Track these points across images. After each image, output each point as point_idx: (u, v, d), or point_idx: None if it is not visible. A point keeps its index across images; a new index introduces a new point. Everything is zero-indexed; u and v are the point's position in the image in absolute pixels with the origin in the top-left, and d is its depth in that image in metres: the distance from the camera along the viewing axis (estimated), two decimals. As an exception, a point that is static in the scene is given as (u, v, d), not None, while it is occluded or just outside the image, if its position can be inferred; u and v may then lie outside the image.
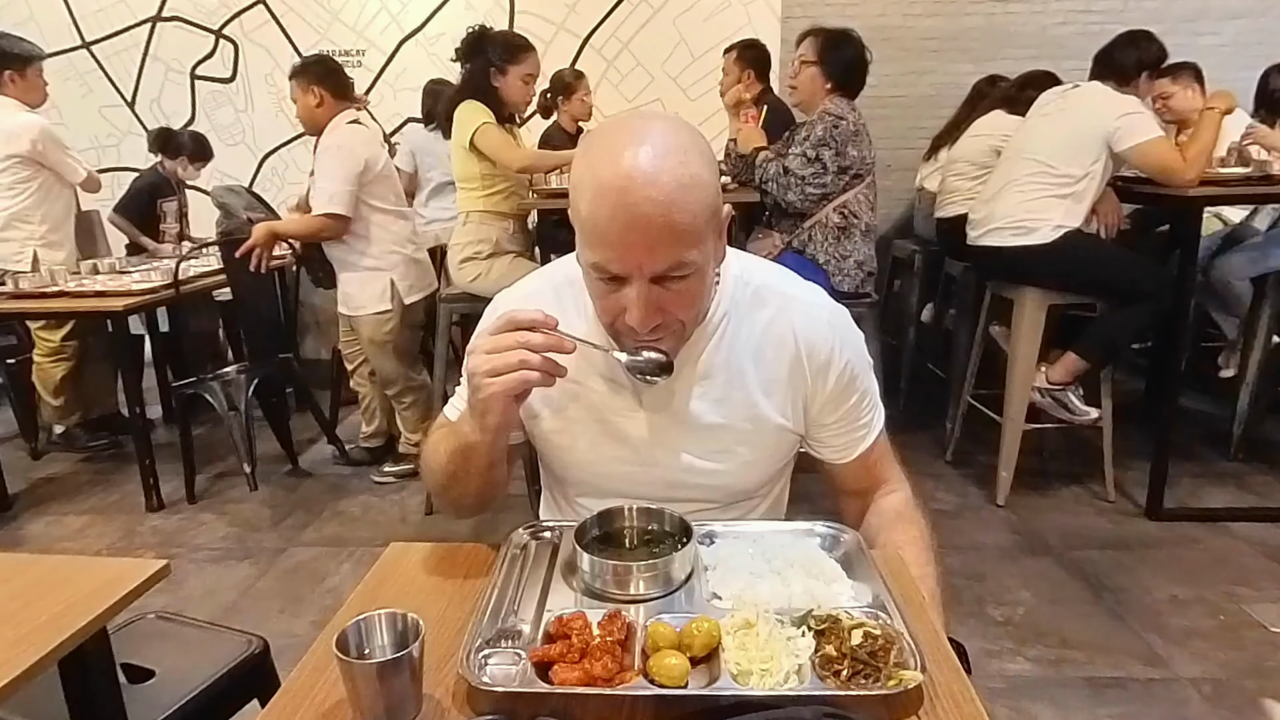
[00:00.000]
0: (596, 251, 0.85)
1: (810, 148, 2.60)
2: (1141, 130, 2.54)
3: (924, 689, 0.73)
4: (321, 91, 2.94)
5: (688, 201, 0.82)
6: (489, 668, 0.77)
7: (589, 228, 0.84)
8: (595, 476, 1.08)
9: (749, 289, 1.03)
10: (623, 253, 0.83)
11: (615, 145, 0.83)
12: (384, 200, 3.00)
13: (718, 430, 1.03)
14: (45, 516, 3.07)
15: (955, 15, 4.31)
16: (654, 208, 0.80)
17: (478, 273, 2.90)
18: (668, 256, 0.83)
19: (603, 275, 0.87)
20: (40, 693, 0.97)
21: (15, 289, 3.05)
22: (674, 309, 0.88)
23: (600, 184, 0.82)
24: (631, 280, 0.85)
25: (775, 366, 1.03)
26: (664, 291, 0.86)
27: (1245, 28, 4.22)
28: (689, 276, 0.86)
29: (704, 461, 1.04)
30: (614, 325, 0.92)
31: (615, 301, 0.88)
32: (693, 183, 0.82)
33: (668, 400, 1.02)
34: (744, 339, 1.02)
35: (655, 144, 0.82)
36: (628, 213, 0.80)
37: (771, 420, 1.04)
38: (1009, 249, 2.75)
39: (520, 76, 2.86)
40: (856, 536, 0.98)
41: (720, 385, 1.02)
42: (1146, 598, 2.32)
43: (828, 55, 2.66)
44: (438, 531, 2.86)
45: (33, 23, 4.52)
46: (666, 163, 0.81)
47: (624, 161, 0.81)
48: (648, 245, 0.82)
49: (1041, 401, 2.86)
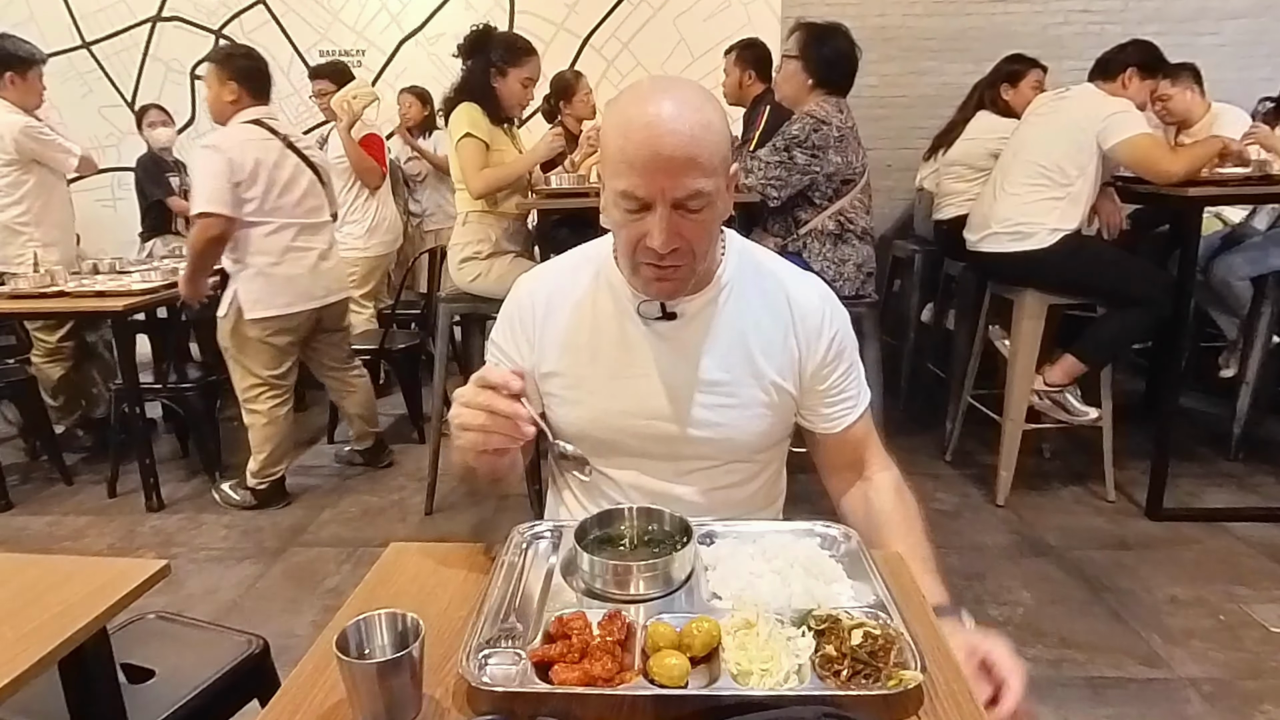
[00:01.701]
0: (626, 179, 0.96)
1: (781, 140, 2.54)
2: (1127, 127, 2.55)
3: (924, 689, 0.73)
4: (240, 90, 2.83)
5: (706, 139, 0.94)
6: (489, 668, 0.77)
7: (620, 159, 0.96)
8: (606, 431, 1.14)
9: (751, 262, 1.15)
10: (649, 179, 0.94)
11: (644, 94, 0.97)
12: (255, 206, 2.81)
13: (722, 384, 1.11)
14: (45, 516, 3.07)
15: (955, 15, 4.32)
16: (677, 140, 0.93)
17: (477, 273, 2.89)
18: (688, 184, 0.94)
19: (630, 204, 0.97)
20: (40, 693, 0.98)
21: (15, 289, 3.05)
22: (690, 237, 0.98)
23: (631, 122, 0.95)
24: (655, 206, 0.96)
25: (772, 331, 1.12)
26: (682, 219, 0.97)
27: (1244, 28, 4.22)
28: (704, 209, 0.97)
29: (708, 413, 1.11)
30: (635, 254, 1.01)
31: (639, 229, 0.98)
32: (710, 125, 0.95)
33: (676, 357, 1.11)
34: (745, 304, 1.12)
35: (678, 94, 0.96)
36: (656, 143, 0.93)
37: (770, 377, 1.12)
38: (1007, 255, 2.75)
39: (520, 79, 2.86)
40: (856, 537, 0.99)
41: (724, 344, 1.11)
42: (1146, 598, 2.32)
43: (810, 50, 2.57)
44: (438, 531, 2.86)
45: (33, 23, 4.52)
46: (687, 108, 0.95)
47: (651, 105, 0.95)
48: (671, 172, 0.93)
49: (1040, 403, 2.87)
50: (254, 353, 2.94)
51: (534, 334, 1.15)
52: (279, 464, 3.09)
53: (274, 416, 3.03)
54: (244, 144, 2.78)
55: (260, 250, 2.86)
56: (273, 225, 2.86)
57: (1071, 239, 2.67)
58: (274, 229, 2.87)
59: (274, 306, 2.90)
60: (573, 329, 1.13)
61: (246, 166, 2.75)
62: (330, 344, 3.23)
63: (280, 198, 2.86)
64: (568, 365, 1.14)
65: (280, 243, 2.89)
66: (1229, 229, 3.34)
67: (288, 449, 3.14)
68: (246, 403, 3.02)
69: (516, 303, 1.18)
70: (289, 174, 2.89)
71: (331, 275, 3.10)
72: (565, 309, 1.14)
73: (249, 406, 3.02)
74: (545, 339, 1.14)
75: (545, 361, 1.14)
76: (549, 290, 1.16)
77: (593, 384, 1.13)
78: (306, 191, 2.95)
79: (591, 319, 1.13)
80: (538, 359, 1.15)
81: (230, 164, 2.72)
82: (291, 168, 2.90)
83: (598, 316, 1.12)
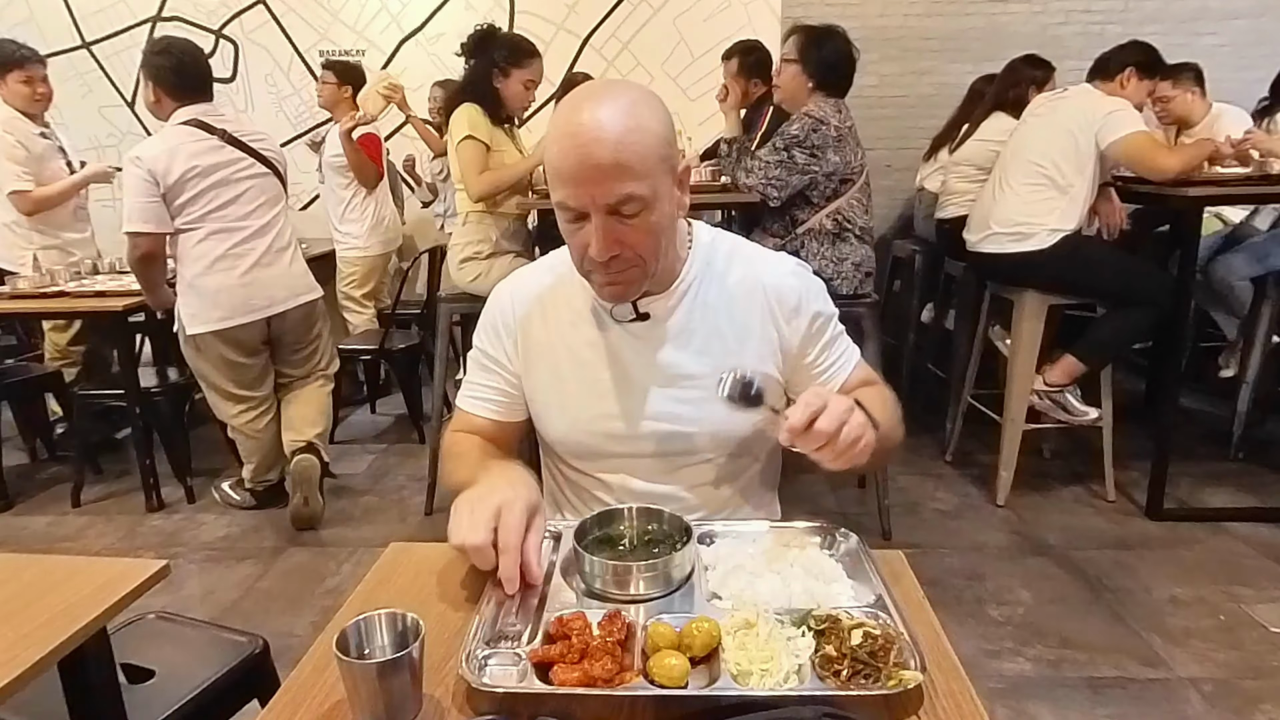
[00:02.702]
0: (558, 190, 0.97)
1: (781, 140, 2.55)
2: (1125, 125, 2.56)
3: (924, 689, 0.73)
4: (158, 90, 2.65)
5: (632, 143, 0.93)
6: (489, 668, 0.77)
7: (552, 171, 0.97)
8: (588, 435, 1.15)
9: (719, 253, 1.15)
10: (576, 188, 0.95)
11: (575, 102, 0.97)
12: (185, 214, 2.64)
13: (701, 378, 1.10)
14: (45, 516, 3.07)
15: (955, 15, 4.31)
16: (602, 148, 0.92)
17: (477, 273, 2.90)
18: (615, 190, 0.93)
19: (566, 214, 0.98)
20: (40, 693, 0.97)
21: (15, 289, 3.05)
22: (631, 242, 0.98)
23: (560, 132, 0.95)
24: (591, 215, 0.95)
25: (747, 316, 1.12)
26: (620, 225, 0.96)
27: (1244, 28, 4.22)
28: (640, 213, 0.96)
29: (689, 409, 1.11)
30: (583, 263, 1.02)
31: (581, 238, 0.99)
32: (639, 129, 0.94)
33: (652, 357, 1.11)
34: (716, 295, 1.12)
35: (606, 99, 0.95)
36: (580, 152, 0.93)
37: (750, 364, 1.09)
38: (1007, 255, 2.75)
39: (522, 81, 2.86)
40: (856, 537, 0.98)
41: (699, 338, 1.11)
42: (1146, 598, 2.32)
43: (809, 53, 2.58)
44: (438, 531, 2.84)
45: (33, 23, 4.52)
46: (616, 112, 0.94)
47: (578, 113, 0.94)
48: (598, 180, 0.93)
49: (1040, 404, 2.87)
50: (208, 367, 2.79)
51: (516, 338, 1.16)
52: (269, 472, 3.01)
53: (252, 431, 2.91)
54: (170, 152, 2.58)
55: (189, 259, 2.68)
56: (200, 233, 2.66)
57: (1071, 239, 2.67)
58: (202, 237, 2.66)
59: (210, 321, 2.71)
60: (550, 334, 1.14)
61: (172, 174, 2.57)
62: (286, 357, 2.97)
63: (213, 202, 2.65)
64: (547, 371, 1.15)
65: (209, 251, 2.67)
66: (1229, 229, 3.34)
67: (277, 458, 3.00)
68: (220, 416, 2.90)
69: (498, 307, 1.19)
70: (226, 174, 2.67)
71: (278, 283, 2.80)
72: (542, 315, 1.15)
73: (224, 420, 2.90)
74: (525, 344, 1.15)
75: (526, 367, 1.16)
76: (526, 296, 1.17)
77: (572, 389, 1.14)
78: (250, 190, 2.72)
79: (568, 324, 1.14)
80: (523, 365, 1.16)
81: (152, 175, 2.55)
82: (230, 166, 2.68)
83: (574, 321, 1.13)
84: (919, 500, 2.93)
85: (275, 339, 2.89)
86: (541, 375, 1.15)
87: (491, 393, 1.18)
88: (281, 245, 2.82)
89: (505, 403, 1.19)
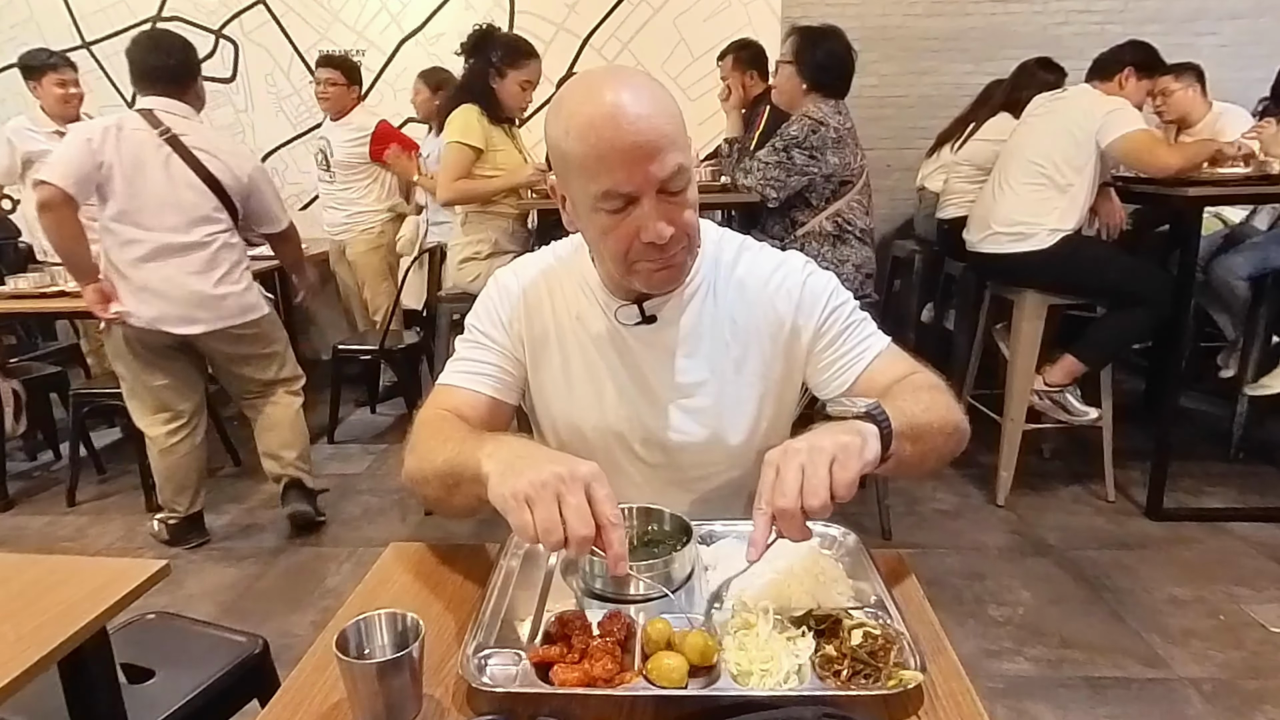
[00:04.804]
0: (604, 179, 0.90)
1: (780, 141, 2.55)
2: (1124, 123, 2.56)
3: (924, 689, 0.73)
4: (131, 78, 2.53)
5: (669, 114, 0.91)
6: (489, 668, 0.77)
7: (591, 160, 0.90)
8: (587, 442, 1.12)
9: (726, 253, 1.11)
10: (629, 170, 0.89)
11: (592, 88, 0.92)
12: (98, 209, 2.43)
13: (707, 384, 1.07)
14: (45, 516, 3.07)
15: (955, 15, 4.31)
16: (647, 124, 0.88)
17: (477, 273, 2.90)
18: (670, 162, 0.90)
19: (613, 203, 0.91)
20: (40, 693, 0.98)
21: (15, 289, 3.05)
22: (681, 222, 0.94)
23: (591, 120, 0.89)
24: (642, 198, 0.91)
25: (757, 316, 1.08)
26: (670, 204, 0.92)
27: (1244, 28, 4.22)
28: (686, 187, 0.94)
29: (693, 416, 1.08)
30: (628, 254, 0.95)
31: (628, 227, 0.93)
32: (664, 98, 0.92)
33: (657, 362, 1.08)
34: (723, 297, 1.08)
35: (621, 80, 0.92)
36: (628, 130, 0.88)
37: (763, 365, 1.08)
38: (1007, 255, 2.75)
39: (518, 81, 2.86)
40: (856, 537, 0.98)
41: (707, 341, 1.07)
42: (1146, 598, 2.32)
43: (804, 54, 2.57)
44: (438, 531, 2.86)
45: (33, 22, 4.52)
46: (639, 89, 0.90)
47: (607, 96, 0.89)
48: (651, 155, 0.89)
49: (1040, 404, 2.87)
50: (123, 366, 2.57)
51: (521, 327, 1.11)
52: (181, 499, 2.72)
53: (166, 445, 2.63)
54: (106, 130, 2.35)
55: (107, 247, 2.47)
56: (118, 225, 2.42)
57: (1071, 239, 2.67)
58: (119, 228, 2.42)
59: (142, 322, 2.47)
60: (559, 330, 1.10)
61: (102, 155, 2.34)
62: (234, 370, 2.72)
63: (132, 200, 2.40)
64: (549, 373, 1.12)
65: (127, 249, 2.44)
66: (1229, 229, 3.34)
67: (195, 486, 2.73)
68: (137, 424, 2.66)
69: (502, 290, 1.13)
70: (153, 175, 2.41)
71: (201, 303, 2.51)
72: (552, 309, 1.11)
73: (138, 425, 2.67)
74: (531, 336, 1.11)
75: (534, 360, 1.12)
76: (534, 287, 1.12)
77: (574, 393, 1.11)
78: (175, 202, 2.44)
79: (570, 326, 1.10)
80: (529, 357, 1.12)
81: (89, 145, 2.33)
82: (161, 169, 2.41)
83: (577, 323, 1.09)
84: (919, 500, 2.93)
85: (208, 357, 2.67)
86: (542, 376, 1.12)
87: (490, 369, 1.10)
88: (206, 269, 2.51)
89: (506, 381, 1.11)
